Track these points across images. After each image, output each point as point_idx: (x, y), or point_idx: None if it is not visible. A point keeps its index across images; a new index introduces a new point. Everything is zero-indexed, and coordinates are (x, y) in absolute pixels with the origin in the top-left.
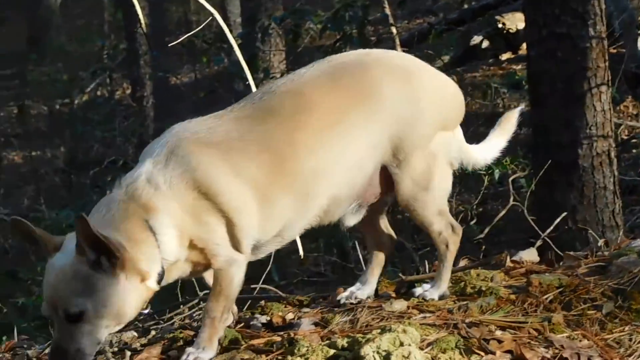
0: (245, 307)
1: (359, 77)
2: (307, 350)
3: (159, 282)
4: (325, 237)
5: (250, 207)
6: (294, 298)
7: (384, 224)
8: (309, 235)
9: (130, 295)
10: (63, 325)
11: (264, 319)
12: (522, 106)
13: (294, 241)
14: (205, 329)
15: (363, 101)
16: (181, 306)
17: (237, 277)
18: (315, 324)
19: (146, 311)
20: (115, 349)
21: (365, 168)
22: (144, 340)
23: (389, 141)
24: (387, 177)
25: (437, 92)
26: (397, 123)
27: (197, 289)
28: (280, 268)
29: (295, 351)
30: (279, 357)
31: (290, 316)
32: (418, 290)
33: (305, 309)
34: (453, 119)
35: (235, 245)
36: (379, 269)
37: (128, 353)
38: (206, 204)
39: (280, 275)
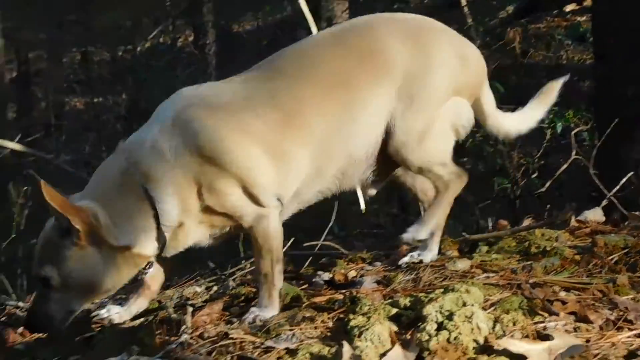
0: (307, 264)
1: (365, 35)
2: (369, 309)
3: (160, 248)
4: (384, 189)
5: (261, 163)
6: (357, 255)
7: (430, 185)
8: None
9: (103, 267)
10: (39, 286)
11: (326, 276)
12: (565, 77)
13: (354, 192)
14: (262, 286)
15: (369, 58)
16: (243, 261)
17: (270, 229)
18: (378, 282)
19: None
20: (177, 305)
21: (377, 126)
22: (205, 296)
23: (398, 100)
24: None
25: (452, 55)
26: (405, 81)
27: None
28: (340, 220)
29: (357, 309)
30: (341, 315)
31: (352, 274)
32: (406, 236)
33: (368, 267)
34: (469, 85)
35: (257, 202)
36: (439, 234)
37: (190, 309)
38: (214, 169)
39: (340, 227)
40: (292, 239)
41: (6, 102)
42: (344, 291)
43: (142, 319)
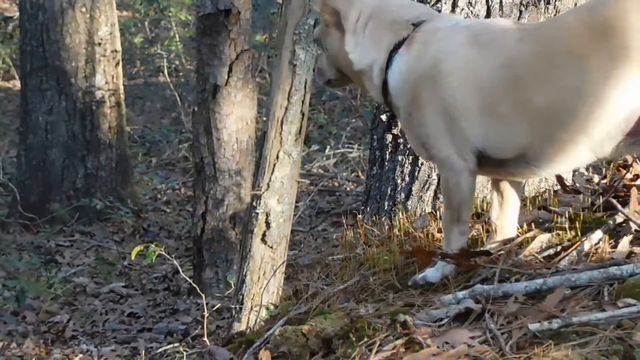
0: None
1: (601, 11)
2: None
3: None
4: None
5: (469, 109)
6: None
7: None
8: None
9: (345, 56)
10: None
11: None
12: None
13: None
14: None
15: (605, 40)
16: None
17: (451, 182)
18: None
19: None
20: None
21: (616, 109)
22: None
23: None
24: None
25: None
26: None
27: None
28: None
29: None
30: None
31: None
32: None
33: None
34: None
35: (458, 148)
36: None
37: None
38: (427, 94)
39: None
40: None
41: None
42: None
43: None
